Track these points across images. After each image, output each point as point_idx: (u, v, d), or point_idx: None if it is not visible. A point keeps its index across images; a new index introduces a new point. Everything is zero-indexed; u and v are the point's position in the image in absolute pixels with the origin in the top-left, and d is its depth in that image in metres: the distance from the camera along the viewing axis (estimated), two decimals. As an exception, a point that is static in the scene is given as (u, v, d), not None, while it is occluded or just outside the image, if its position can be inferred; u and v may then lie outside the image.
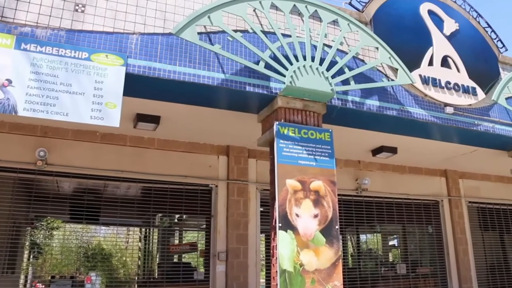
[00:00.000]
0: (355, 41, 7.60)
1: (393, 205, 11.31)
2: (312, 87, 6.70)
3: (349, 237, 13.64)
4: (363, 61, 7.60)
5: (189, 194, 9.14)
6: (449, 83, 8.38)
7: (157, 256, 12.53)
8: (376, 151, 9.94)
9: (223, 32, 6.48)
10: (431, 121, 8.00)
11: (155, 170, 8.85)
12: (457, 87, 8.43)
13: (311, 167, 6.51)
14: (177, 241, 13.49)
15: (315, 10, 7.19)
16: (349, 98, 7.30)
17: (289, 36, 6.88)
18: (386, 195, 11.18)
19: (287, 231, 6.11)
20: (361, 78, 7.39)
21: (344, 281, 6.55)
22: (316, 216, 6.32)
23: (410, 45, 8.23)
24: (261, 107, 7.15)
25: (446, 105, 8.19)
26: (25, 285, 11.23)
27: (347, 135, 8.54)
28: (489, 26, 9.44)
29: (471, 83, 8.66)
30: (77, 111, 5.62)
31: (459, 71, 8.65)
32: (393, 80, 7.73)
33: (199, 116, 7.70)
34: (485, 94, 8.76)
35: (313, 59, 6.87)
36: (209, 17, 6.20)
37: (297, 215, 6.22)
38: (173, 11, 6.59)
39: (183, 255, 12.63)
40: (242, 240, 9.03)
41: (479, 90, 8.70)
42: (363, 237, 14.32)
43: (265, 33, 6.76)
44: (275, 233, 6.18)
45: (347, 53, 7.32)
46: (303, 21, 7.11)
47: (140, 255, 12.44)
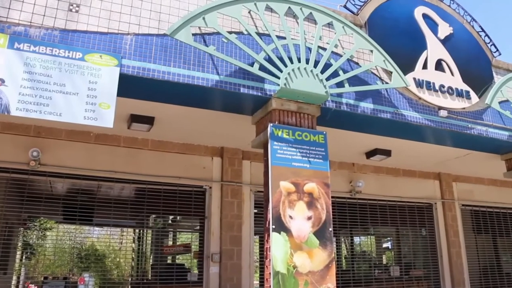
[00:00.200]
0: (349, 44, 7.61)
1: (387, 208, 11.33)
2: (306, 89, 6.70)
3: (343, 239, 13.66)
4: (357, 63, 7.61)
5: (183, 195, 9.12)
6: (443, 87, 8.40)
7: (151, 257, 12.49)
8: (370, 154, 9.96)
9: (218, 33, 6.47)
10: (425, 124, 8.02)
11: (149, 171, 8.83)
12: (451, 91, 8.46)
13: (305, 169, 6.51)
14: (171, 243, 13.46)
15: (310, 12, 7.20)
16: (344, 100, 7.30)
17: (284, 38, 6.88)
18: (380, 197, 11.20)
19: (280, 233, 6.11)
20: (355, 80, 7.41)
21: (337, 283, 6.55)
22: (309, 218, 6.32)
23: (404, 48, 8.26)
24: (256, 109, 7.15)
25: (440, 108, 8.22)
26: (17, 286, 11.18)
27: (341, 138, 8.56)
28: (483, 30, 9.49)
29: (465, 87, 8.69)
30: (71, 112, 5.60)
31: (453, 74, 8.68)
32: (387, 83, 7.75)
33: (193, 117, 7.69)
34: (479, 97, 8.80)
35: (307, 61, 6.87)
36: (203, 19, 6.20)
37: (291, 217, 6.22)
38: (168, 12, 6.58)
39: (177, 257, 12.60)
40: (235, 241, 9.02)
41: (472, 93, 8.74)
42: (357, 240, 14.33)
43: (259, 35, 6.76)
44: (269, 235, 6.17)
45: (341, 56, 7.33)
46: (298, 23, 7.12)
47: (133, 256, 12.41)
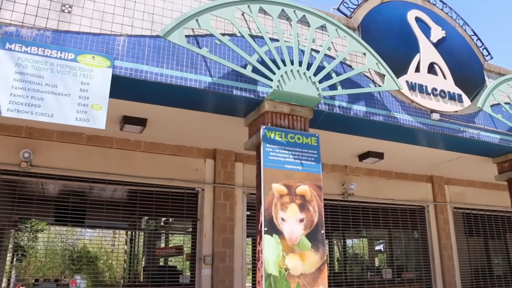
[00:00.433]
0: (342, 47, 7.63)
1: (379, 210, 11.36)
2: (299, 91, 6.71)
3: (335, 242, 13.66)
4: (350, 66, 7.63)
5: (175, 197, 9.11)
6: (436, 90, 8.44)
7: (143, 259, 12.44)
8: (362, 156, 9.98)
9: (211, 35, 6.47)
10: (417, 127, 8.05)
11: (142, 172, 8.80)
12: (443, 94, 8.49)
13: (297, 171, 6.51)
14: (163, 245, 13.41)
15: (303, 15, 7.21)
16: (336, 103, 7.32)
17: (277, 40, 6.89)
18: (372, 200, 11.23)
19: (272, 235, 6.11)
20: (348, 83, 7.42)
21: (329, 286, 6.56)
22: (301, 220, 6.32)
23: (397, 51, 8.29)
24: (248, 111, 7.15)
25: (432, 111, 8.25)
26: (7, 288, 11.08)
27: (334, 140, 8.57)
28: (475, 34, 9.55)
29: (457, 90, 8.74)
30: (62, 113, 5.57)
31: (445, 78, 8.72)
32: (380, 86, 7.77)
33: (186, 119, 7.68)
34: (471, 101, 8.85)
35: (300, 64, 6.88)
36: (197, 20, 6.19)
37: (283, 220, 6.22)
38: (161, 13, 6.57)
39: (169, 259, 12.55)
40: (228, 244, 9.01)
41: (464, 97, 8.78)
42: (349, 242, 14.34)
43: (253, 37, 6.77)
44: (261, 237, 6.17)
45: (334, 59, 7.35)
46: (291, 25, 7.13)
47: (126, 258, 12.35)
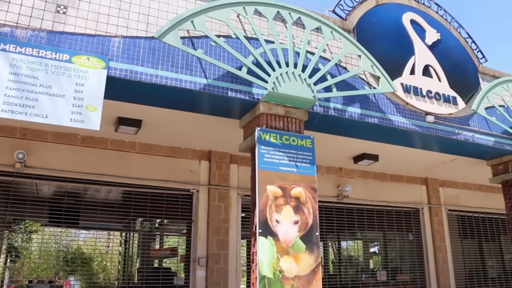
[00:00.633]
0: (338, 49, 7.64)
1: (374, 212, 11.38)
2: (294, 93, 6.71)
3: (330, 244, 13.66)
4: (345, 68, 7.64)
5: (170, 198, 9.09)
6: (430, 92, 8.47)
7: (137, 261, 12.41)
8: (357, 159, 10.00)
9: (206, 37, 6.47)
10: (412, 129, 8.07)
11: (136, 174, 8.79)
12: (438, 96, 8.52)
13: (292, 173, 6.52)
14: (157, 246, 13.38)
15: (299, 17, 7.22)
16: (331, 105, 7.33)
17: (272, 42, 6.89)
18: (367, 202, 11.25)
19: (267, 237, 6.10)
20: (343, 85, 7.44)
21: (323, 288, 6.56)
22: (296, 222, 6.33)
23: (392, 53, 8.31)
24: (243, 112, 7.15)
25: (427, 113, 8.28)
26: (1, 289, 11.03)
27: (329, 142, 8.58)
28: (470, 37, 9.59)
29: (452, 93, 8.77)
30: (57, 114, 5.56)
31: (440, 80, 8.75)
32: (375, 88, 7.79)
33: (181, 120, 7.67)
34: (465, 103, 8.88)
35: (295, 66, 6.89)
36: (192, 22, 6.19)
37: (278, 221, 6.22)
38: (156, 15, 6.56)
39: (164, 260, 12.52)
40: (222, 245, 9.00)
41: (459, 99, 8.81)
42: (344, 244, 14.35)
43: (248, 39, 6.77)
44: (255, 239, 6.16)
45: (329, 61, 7.36)
46: (286, 27, 7.14)
47: (120, 259, 12.30)
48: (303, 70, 6.91)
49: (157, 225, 11.46)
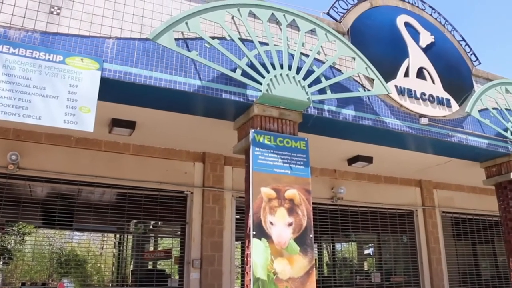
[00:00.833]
0: (332, 51, 7.65)
1: (368, 214, 11.40)
2: (288, 95, 6.72)
3: (324, 246, 13.68)
4: (339, 70, 7.66)
5: (164, 200, 9.07)
6: (424, 95, 8.49)
7: (131, 262, 12.37)
8: (351, 160, 10.01)
9: (201, 38, 6.46)
10: (406, 131, 8.09)
11: (130, 175, 8.76)
12: (432, 99, 8.55)
13: (286, 175, 6.52)
14: (151, 248, 13.35)
15: (293, 19, 7.23)
16: (325, 107, 7.34)
17: (267, 44, 6.89)
18: (361, 204, 11.26)
19: (261, 239, 6.10)
20: (337, 87, 7.44)
21: (317, 290, 6.55)
22: (290, 224, 6.32)
23: (386, 56, 8.34)
24: (238, 114, 7.14)
25: (421, 116, 8.30)
26: (-7, 292, 10.98)
27: (323, 144, 8.59)
28: (464, 39, 9.63)
29: (446, 95, 8.80)
30: (50, 115, 5.53)
31: (434, 82, 8.78)
32: (369, 90, 7.80)
33: (175, 122, 7.66)
34: (459, 106, 8.91)
35: (290, 68, 6.89)
36: (186, 23, 6.19)
37: (272, 223, 6.21)
38: (151, 16, 6.55)
39: (158, 262, 12.50)
40: (216, 247, 8.99)
41: (453, 102, 8.85)
42: (338, 246, 14.37)
43: (242, 40, 6.76)
44: (249, 241, 6.16)
45: (324, 63, 7.37)
46: (280, 29, 7.14)
47: (114, 261, 12.27)
48: (298, 72, 6.92)
49: (151, 227, 11.45)
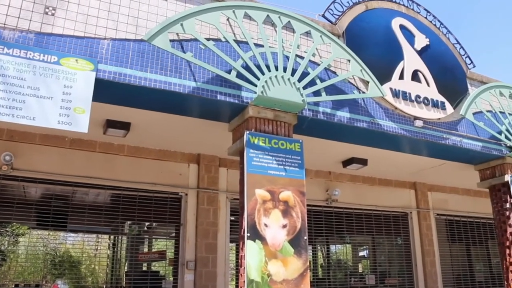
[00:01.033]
0: (327, 53, 7.67)
1: (363, 216, 11.42)
2: (283, 97, 6.72)
3: (319, 248, 13.69)
4: (334, 73, 7.67)
5: (159, 202, 9.06)
6: (419, 97, 8.52)
7: (126, 264, 12.35)
8: (346, 163, 10.03)
9: (196, 40, 6.46)
10: (401, 134, 8.11)
11: (125, 177, 8.74)
12: (426, 101, 8.57)
13: (281, 177, 6.52)
14: (146, 249, 13.33)
15: (288, 21, 7.24)
16: (320, 109, 7.35)
17: (262, 46, 6.89)
18: (356, 206, 11.29)
19: (255, 241, 6.09)
20: (332, 89, 7.46)
21: (311, 292, 6.55)
22: (284, 226, 6.32)
23: (381, 58, 8.35)
24: (232, 116, 7.14)
25: (415, 118, 8.32)
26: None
27: (318, 146, 8.60)
28: (458, 42, 9.67)
29: (440, 98, 8.83)
30: (45, 116, 5.51)
31: (429, 85, 8.81)
32: (364, 92, 7.82)
33: (170, 123, 7.65)
34: (454, 108, 8.94)
35: (285, 70, 6.90)
36: (181, 25, 6.18)
37: (266, 225, 6.21)
38: (146, 17, 6.54)
39: (152, 264, 12.47)
40: (211, 249, 8.98)
41: (447, 104, 8.88)
42: (333, 248, 14.39)
43: (237, 42, 6.76)
44: (243, 243, 6.15)
45: (319, 65, 7.38)
46: (276, 31, 7.15)
47: (108, 262, 12.24)
48: (293, 74, 6.92)
49: (145, 228, 11.43)
